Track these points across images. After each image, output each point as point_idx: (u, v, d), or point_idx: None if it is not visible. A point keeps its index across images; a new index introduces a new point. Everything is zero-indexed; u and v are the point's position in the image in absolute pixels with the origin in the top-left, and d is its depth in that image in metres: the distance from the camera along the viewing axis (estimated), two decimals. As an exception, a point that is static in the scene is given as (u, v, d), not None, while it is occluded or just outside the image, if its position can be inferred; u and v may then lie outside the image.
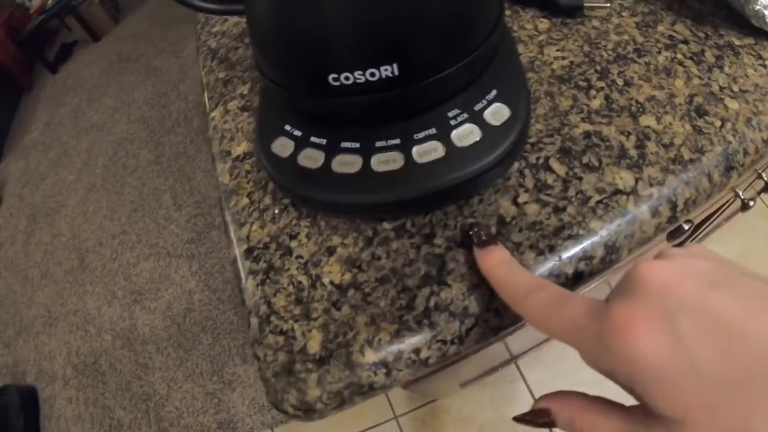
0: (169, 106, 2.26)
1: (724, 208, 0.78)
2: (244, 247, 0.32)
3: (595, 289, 0.52)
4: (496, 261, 0.25)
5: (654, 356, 0.16)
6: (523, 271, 0.23)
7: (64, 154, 2.38)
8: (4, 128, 2.85)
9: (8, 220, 2.24)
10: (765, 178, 0.57)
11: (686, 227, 0.49)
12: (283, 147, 0.30)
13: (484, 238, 0.27)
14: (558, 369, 1.12)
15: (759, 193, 0.64)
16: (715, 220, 0.86)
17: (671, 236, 0.51)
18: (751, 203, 0.62)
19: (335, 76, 0.25)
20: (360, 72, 0.25)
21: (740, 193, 0.61)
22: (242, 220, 0.34)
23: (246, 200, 0.34)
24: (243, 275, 0.31)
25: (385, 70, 0.25)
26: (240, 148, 0.38)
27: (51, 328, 1.72)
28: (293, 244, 0.31)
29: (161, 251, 1.73)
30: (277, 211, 0.33)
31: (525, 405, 1.08)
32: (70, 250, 1.92)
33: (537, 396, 1.12)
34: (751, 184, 0.63)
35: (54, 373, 1.60)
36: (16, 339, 1.76)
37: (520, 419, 0.22)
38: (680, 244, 0.65)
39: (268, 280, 0.30)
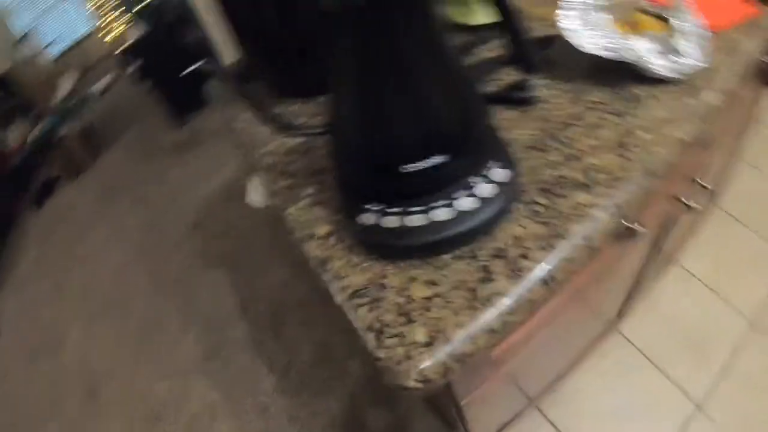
0: (162, 231, 2.35)
1: (675, 216, 0.95)
2: (349, 291, 0.47)
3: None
4: None
5: None
6: None
7: (58, 288, 2.40)
8: (-7, 265, 2.80)
9: (7, 353, 2.19)
10: (701, 183, 0.77)
11: (643, 230, 0.66)
12: (367, 218, 0.46)
13: None
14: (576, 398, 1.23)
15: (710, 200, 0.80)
16: (674, 230, 1.02)
17: (628, 238, 0.68)
18: (693, 204, 0.80)
19: (404, 166, 0.42)
20: (420, 161, 0.42)
21: (682, 198, 0.80)
22: (341, 275, 0.49)
23: (339, 262, 0.50)
24: (352, 310, 0.46)
25: (436, 159, 0.42)
26: (322, 230, 0.53)
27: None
28: (385, 281, 0.46)
29: (176, 371, 1.75)
30: (366, 264, 0.48)
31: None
32: (78, 380, 1.91)
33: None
34: (692, 190, 0.82)
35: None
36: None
37: None
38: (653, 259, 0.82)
39: (375, 308, 0.45)
